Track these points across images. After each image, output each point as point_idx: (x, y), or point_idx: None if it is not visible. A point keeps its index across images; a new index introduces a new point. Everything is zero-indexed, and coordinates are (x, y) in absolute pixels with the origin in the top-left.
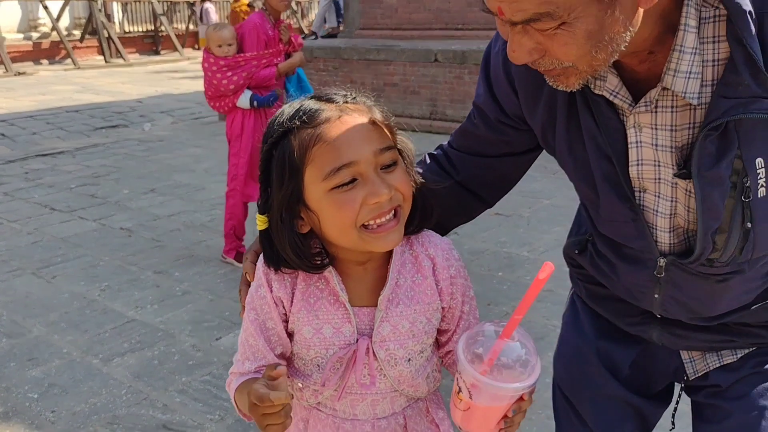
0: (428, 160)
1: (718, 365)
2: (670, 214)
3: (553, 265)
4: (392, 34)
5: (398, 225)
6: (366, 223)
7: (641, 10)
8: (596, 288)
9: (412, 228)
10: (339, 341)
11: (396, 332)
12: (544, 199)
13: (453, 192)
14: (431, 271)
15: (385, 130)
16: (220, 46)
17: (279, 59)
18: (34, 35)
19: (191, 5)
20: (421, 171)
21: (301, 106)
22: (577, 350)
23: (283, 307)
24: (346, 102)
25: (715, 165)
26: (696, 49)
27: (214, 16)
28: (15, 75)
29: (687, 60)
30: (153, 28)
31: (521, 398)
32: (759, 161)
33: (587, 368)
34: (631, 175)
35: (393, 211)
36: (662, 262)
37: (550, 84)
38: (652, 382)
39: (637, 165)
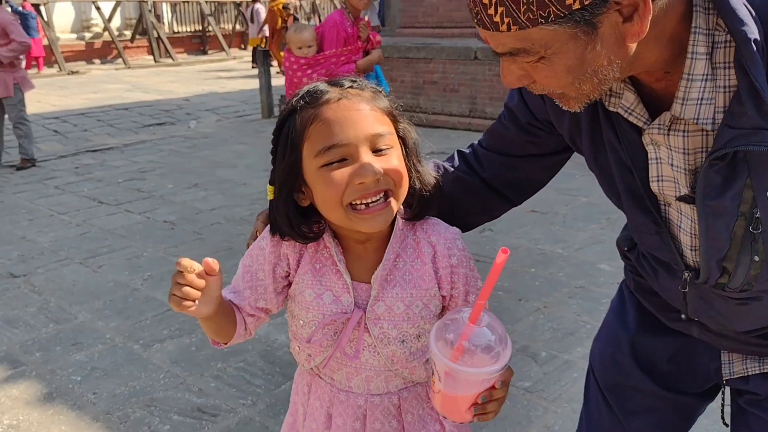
0: (456, 157)
1: (758, 371)
2: (691, 233)
3: (509, 250)
4: (433, 33)
5: (387, 208)
6: (354, 203)
7: (632, 44)
8: (642, 281)
9: (413, 214)
10: (336, 309)
11: (391, 312)
12: (582, 196)
13: (478, 189)
14: (431, 258)
15: (385, 116)
16: (300, 48)
17: (357, 56)
18: (87, 35)
19: (238, 6)
20: (445, 164)
21: (310, 88)
22: (614, 336)
23: (288, 265)
24: (351, 87)
25: (720, 195)
26: (708, 75)
27: (263, 17)
28: (68, 74)
29: (697, 87)
30: (201, 28)
31: (493, 386)
32: None
33: (618, 356)
34: (653, 190)
35: (384, 194)
36: (686, 275)
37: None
38: (691, 379)
39: (658, 181)
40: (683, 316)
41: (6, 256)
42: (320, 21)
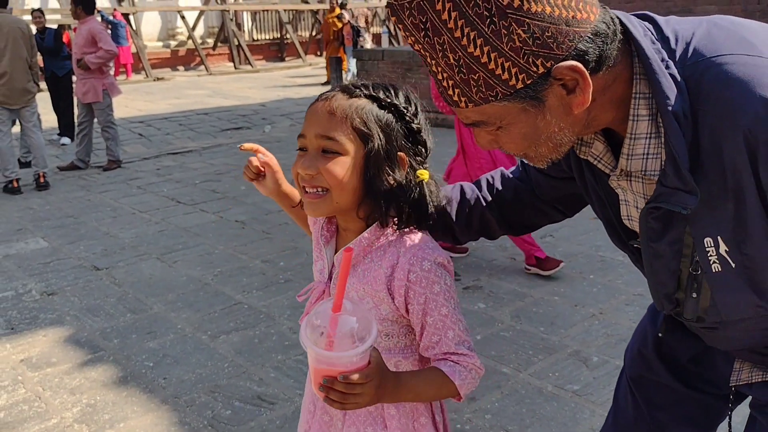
0: (519, 165)
1: (761, 379)
2: None
3: (353, 249)
4: None
5: (319, 200)
6: (302, 185)
7: (579, 112)
8: None
9: (377, 219)
10: (320, 277)
11: (348, 296)
12: None
13: (530, 199)
14: (391, 265)
15: (348, 127)
16: None
17: None
18: (172, 43)
19: (315, 14)
20: (508, 172)
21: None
22: (643, 331)
23: (318, 233)
24: (342, 92)
25: (660, 239)
26: (652, 133)
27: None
28: (154, 80)
29: (642, 144)
30: (279, 36)
31: (335, 376)
32: (708, 240)
33: (644, 351)
34: (627, 226)
35: (322, 189)
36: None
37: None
38: (711, 381)
39: (628, 219)
40: None
41: (91, 250)
42: (395, 30)
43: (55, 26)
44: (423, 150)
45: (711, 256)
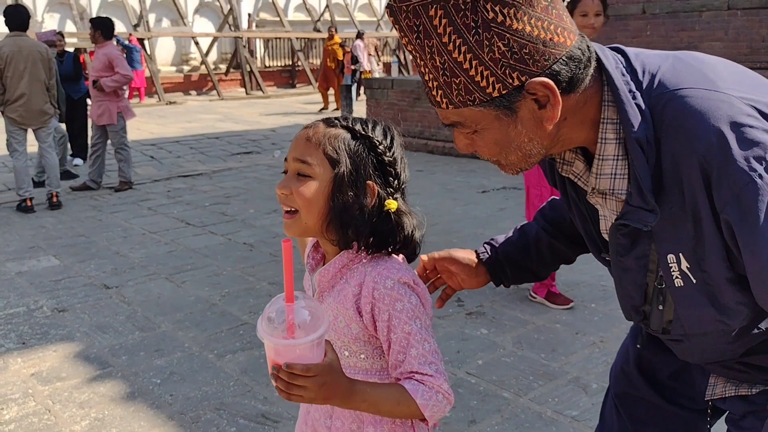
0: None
1: (734, 394)
2: None
3: (291, 240)
4: None
5: (290, 221)
6: (281, 204)
7: (549, 125)
8: None
9: (344, 244)
10: None
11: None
12: None
13: (569, 232)
14: (358, 284)
15: (320, 153)
16: None
17: None
18: (185, 68)
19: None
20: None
21: None
22: (626, 349)
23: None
24: (324, 123)
25: (627, 254)
26: (619, 156)
27: (362, 53)
28: (166, 104)
29: (609, 164)
30: (290, 63)
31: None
32: (670, 257)
33: (627, 368)
34: (606, 238)
35: (291, 209)
36: None
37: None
38: (690, 396)
39: (606, 233)
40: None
41: (101, 269)
42: (405, 57)
43: (71, 50)
44: (395, 181)
45: (674, 271)
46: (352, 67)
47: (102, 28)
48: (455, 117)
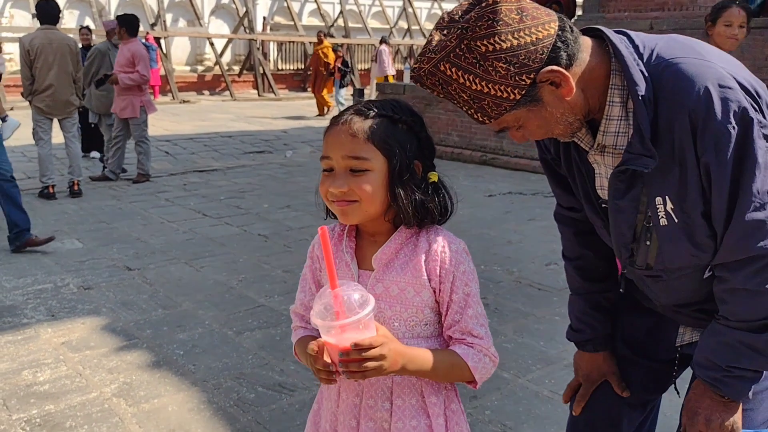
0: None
1: (696, 339)
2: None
3: (325, 228)
4: None
5: (349, 207)
6: (333, 201)
7: (570, 98)
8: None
9: (407, 221)
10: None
11: (387, 294)
12: None
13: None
14: (425, 251)
15: (370, 144)
16: None
17: None
18: (200, 68)
19: (339, 47)
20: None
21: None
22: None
23: (319, 264)
24: (358, 114)
25: (622, 197)
26: (622, 116)
27: (387, 58)
28: (180, 102)
29: (614, 124)
30: (303, 66)
31: (348, 348)
32: (658, 199)
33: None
34: (599, 194)
35: (349, 201)
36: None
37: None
38: (663, 348)
39: (600, 189)
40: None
41: (123, 252)
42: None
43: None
44: (430, 154)
45: (660, 212)
46: (337, 69)
47: (127, 25)
48: (501, 125)
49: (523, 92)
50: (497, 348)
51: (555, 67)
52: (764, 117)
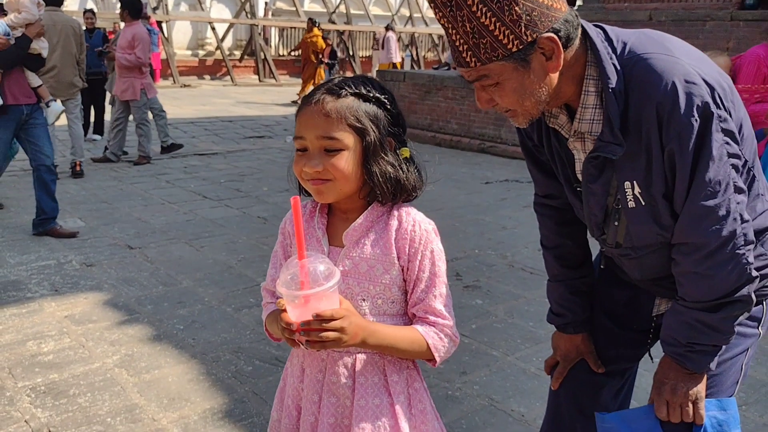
0: (536, 196)
1: (667, 309)
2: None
3: (298, 197)
4: None
5: (323, 185)
6: (308, 180)
7: (553, 74)
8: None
9: (380, 198)
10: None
11: (356, 270)
12: None
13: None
14: (395, 229)
15: (343, 124)
16: None
17: None
18: (201, 53)
19: (341, 34)
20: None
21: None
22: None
23: (290, 240)
24: (330, 93)
25: (595, 181)
26: (596, 105)
27: (393, 44)
28: (181, 87)
29: (589, 112)
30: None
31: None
32: (627, 184)
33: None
34: (579, 177)
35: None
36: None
37: (511, 122)
38: (640, 319)
39: (579, 173)
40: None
41: (125, 232)
42: (417, 53)
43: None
44: (402, 130)
45: (629, 195)
46: (327, 60)
47: (129, 7)
48: (482, 71)
49: (521, 47)
50: (488, 329)
51: (555, 37)
52: (725, 111)
